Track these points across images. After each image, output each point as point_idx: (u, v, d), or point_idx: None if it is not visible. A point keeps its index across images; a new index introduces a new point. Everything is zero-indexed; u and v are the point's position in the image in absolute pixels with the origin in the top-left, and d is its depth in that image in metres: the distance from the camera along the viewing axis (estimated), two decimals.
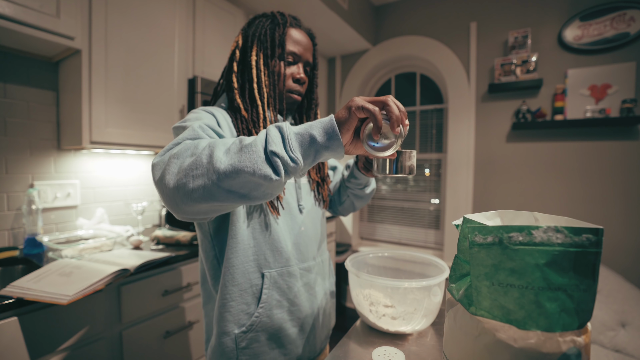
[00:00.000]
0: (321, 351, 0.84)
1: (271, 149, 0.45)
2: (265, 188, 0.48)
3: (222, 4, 1.76)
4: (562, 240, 0.35)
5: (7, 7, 1.01)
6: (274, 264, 0.71)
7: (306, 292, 0.75)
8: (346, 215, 0.90)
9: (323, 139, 0.48)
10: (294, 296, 0.72)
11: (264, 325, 0.69)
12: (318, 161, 0.51)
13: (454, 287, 0.48)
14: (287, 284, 0.71)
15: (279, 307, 0.71)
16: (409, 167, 0.57)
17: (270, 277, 0.70)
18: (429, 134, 2.54)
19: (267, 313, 0.69)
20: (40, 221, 1.27)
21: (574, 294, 0.35)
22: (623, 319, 1.46)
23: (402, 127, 0.50)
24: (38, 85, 1.34)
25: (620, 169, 1.82)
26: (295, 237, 0.74)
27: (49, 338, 0.91)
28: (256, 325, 0.68)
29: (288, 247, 0.72)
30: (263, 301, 0.69)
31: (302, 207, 0.77)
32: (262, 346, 0.69)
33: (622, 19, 1.77)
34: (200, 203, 0.48)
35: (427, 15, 2.38)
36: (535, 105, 2.01)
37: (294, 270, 0.73)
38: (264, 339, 0.69)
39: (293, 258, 0.73)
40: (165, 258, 1.19)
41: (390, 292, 0.72)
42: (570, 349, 0.36)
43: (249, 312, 0.68)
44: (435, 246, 2.52)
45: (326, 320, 0.83)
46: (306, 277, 0.75)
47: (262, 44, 0.71)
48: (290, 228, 0.73)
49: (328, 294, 0.85)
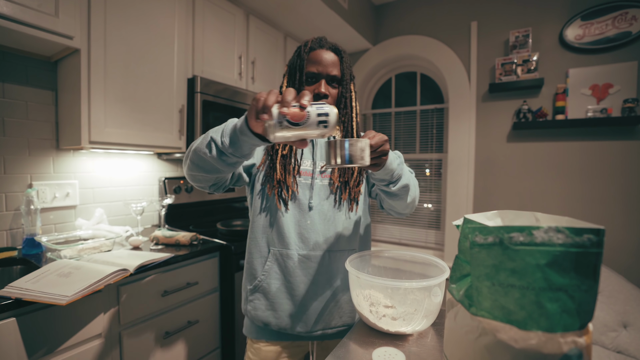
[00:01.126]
0: (328, 337, 0.89)
1: (211, 135, 0.68)
2: (209, 163, 0.70)
3: (222, 3, 1.76)
4: (563, 241, 0.35)
5: (6, 6, 1.01)
6: (277, 244, 0.86)
7: (304, 276, 0.86)
8: (398, 216, 0.96)
9: (239, 125, 0.64)
10: (289, 275, 0.85)
11: (264, 289, 0.86)
12: (244, 144, 0.65)
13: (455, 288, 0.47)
14: (285, 263, 0.86)
15: (277, 279, 0.86)
16: (346, 155, 0.60)
17: (273, 253, 0.86)
18: (430, 134, 2.53)
19: (267, 280, 0.86)
20: (39, 221, 1.26)
21: (575, 295, 0.35)
22: (625, 320, 1.46)
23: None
24: (37, 84, 1.34)
25: (621, 168, 1.81)
26: (300, 228, 0.86)
27: (47, 339, 0.91)
28: (258, 287, 0.87)
29: (291, 234, 0.85)
30: (265, 270, 0.86)
31: (312, 205, 0.87)
32: (261, 305, 0.86)
33: (624, 18, 1.76)
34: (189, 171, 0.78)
35: (427, 15, 2.38)
36: (536, 105, 2.01)
37: (292, 254, 0.85)
38: (262, 300, 0.86)
39: (294, 244, 0.85)
40: (165, 258, 1.19)
41: (391, 293, 0.72)
42: (571, 350, 0.36)
43: (256, 275, 0.87)
44: (436, 246, 2.52)
45: (333, 312, 0.87)
46: (305, 264, 0.85)
47: (289, 75, 0.87)
48: (297, 220, 0.86)
49: (337, 289, 0.88)
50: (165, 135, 1.53)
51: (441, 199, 2.48)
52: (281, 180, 0.85)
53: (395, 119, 2.68)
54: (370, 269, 0.89)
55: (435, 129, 2.50)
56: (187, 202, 1.87)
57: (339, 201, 0.90)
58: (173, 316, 1.26)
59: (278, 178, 0.85)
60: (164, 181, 1.78)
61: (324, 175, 0.89)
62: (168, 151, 1.62)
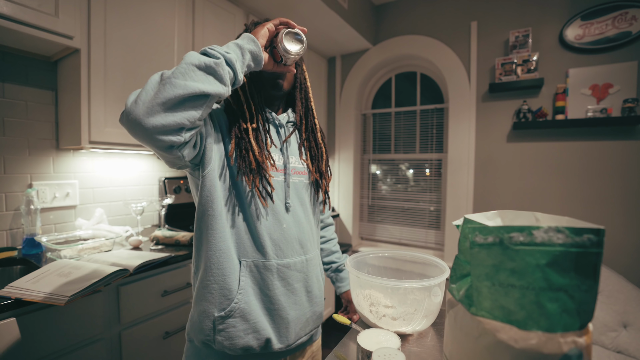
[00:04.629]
0: (300, 346, 0.83)
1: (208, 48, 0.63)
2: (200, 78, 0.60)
3: (222, 3, 1.76)
4: (563, 241, 0.35)
5: (6, 6, 1.01)
6: (251, 254, 0.74)
7: (283, 287, 0.76)
8: None
9: (243, 42, 0.66)
10: (267, 288, 0.74)
11: (242, 311, 0.72)
12: (246, 58, 0.66)
13: (455, 288, 0.47)
14: (261, 276, 0.74)
15: (254, 296, 0.74)
16: None
17: (247, 265, 0.73)
18: (429, 134, 2.53)
19: (245, 300, 0.72)
20: (38, 221, 1.26)
21: (575, 295, 0.35)
22: (625, 320, 1.46)
23: None
24: (36, 84, 1.34)
25: (621, 168, 1.81)
26: (276, 234, 0.76)
27: (47, 339, 0.91)
28: (235, 310, 0.71)
29: (267, 241, 0.75)
30: (242, 288, 0.72)
31: (289, 205, 0.79)
32: (238, 331, 0.72)
33: (624, 18, 1.76)
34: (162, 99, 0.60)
35: (427, 15, 2.38)
36: (536, 105, 2.01)
37: (270, 265, 0.75)
38: (240, 325, 0.72)
39: (271, 253, 0.75)
40: (165, 258, 1.19)
41: (391, 293, 0.72)
42: (571, 350, 0.36)
43: (230, 297, 0.72)
44: (436, 246, 2.52)
45: (308, 317, 0.82)
46: (284, 273, 0.76)
47: None
48: (272, 224, 0.76)
49: (312, 292, 0.83)
50: None
51: (441, 199, 2.48)
52: (261, 165, 0.73)
53: (395, 119, 2.68)
54: (370, 269, 0.89)
55: (435, 129, 2.50)
56: (187, 202, 1.87)
57: (313, 201, 0.86)
58: (173, 316, 1.26)
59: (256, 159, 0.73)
60: (164, 181, 1.78)
61: (294, 172, 0.81)
62: None
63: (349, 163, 2.73)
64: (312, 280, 0.83)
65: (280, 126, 0.83)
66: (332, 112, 2.83)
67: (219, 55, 0.62)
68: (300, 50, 0.72)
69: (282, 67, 0.75)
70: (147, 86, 0.58)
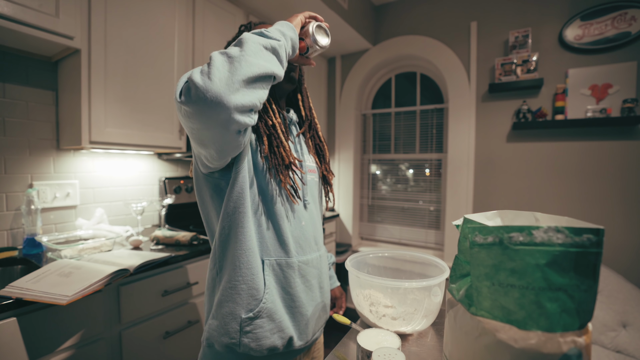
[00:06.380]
0: (314, 341, 0.84)
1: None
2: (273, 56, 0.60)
3: (222, 4, 1.76)
4: (562, 241, 0.35)
5: (6, 6, 1.01)
6: (274, 253, 0.73)
7: (303, 285, 0.77)
8: None
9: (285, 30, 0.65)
10: (288, 286, 0.74)
11: (269, 311, 0.71)
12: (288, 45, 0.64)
13: (455, 288, 0.48)
14: (284, 274, 0.74)
15: (277, 295, 0.73)
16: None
17: (269, 264, 0.72)
18: (429, 134, 2.53)
19: (271, 299, 0.71)
20: (39, 221, 1.26)
21: (574, 294, 0.35)
22: (624, 320, 1.46)
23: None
24: (37, 84, 1.34)
25: (621, 168, 1.81)
26: (297, 231, 0.77)
27: (48, 339, 0.91)
28: (263, 311, 0.70)
29: (289, 239, 0.74)
30: (268, 287, 0.71)
31: (307, 203, 0.80)
32: (265, 331, 0.70)
33: (623, 18, 1.76)
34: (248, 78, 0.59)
35: (427, 15, 2.38)
36: (535, 105, 2.01)
37: (293, 262, 0.74)
38: (267, 325, 0.70)
39: (293, 250, 0.75)
40: (165, 258, 1.19)
41: (391, 293, 0.72)
42: (571, 350, 0.36)
43: (257, 297, 0.70)
44: (436, 246, 2.52)
45: (320, 312, 0.83)
46: (303, 270, 0.77)
47: None
48: (293, 222, 0.76)
49: (324, 288, 0.85)
50: (165, 135, 1.53)
51: (441, 199, 2.48)
52: (292, 162, 0.72)
53: (395, 119, 2.68)
54: (370, 269, 0.89)
55: (435, 129, 2.51)
56: (187, 202, 1.87)
57: (321, 197, 0.88)
58: (173, 316, 1.26)
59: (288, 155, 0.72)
60: (164, 181, 1.78)
61: (308, 170, 0.82)
62: (168, 151, 1.62)
63: (349, 163, 2.73)
64: (324, 275, 0.85)
65: (291, 123, 0.83)
66: (332, 112, 2.83)
67: (279, 38, 0.61)
68: (328, 44, 0.72)
69: (304, 59, 0.74)
70: (215, 64, 0.53)
